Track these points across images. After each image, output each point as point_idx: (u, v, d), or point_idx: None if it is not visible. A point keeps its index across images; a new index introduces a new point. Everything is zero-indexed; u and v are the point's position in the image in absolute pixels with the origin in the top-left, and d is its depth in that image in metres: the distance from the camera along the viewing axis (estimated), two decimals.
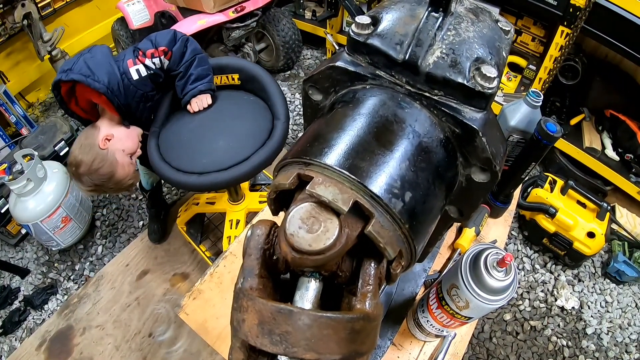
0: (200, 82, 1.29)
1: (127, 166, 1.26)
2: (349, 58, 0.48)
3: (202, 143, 1.26)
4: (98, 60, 1.17)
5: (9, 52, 2.40)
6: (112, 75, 1.17)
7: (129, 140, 1.28)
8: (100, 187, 1.25)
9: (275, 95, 1.35)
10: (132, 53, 1.22)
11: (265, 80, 1.37)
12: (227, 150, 1.24)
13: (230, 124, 1.32)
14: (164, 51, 1.22)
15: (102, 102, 1.21)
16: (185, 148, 1.27)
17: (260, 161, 1.23)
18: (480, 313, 0.64)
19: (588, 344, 1.68)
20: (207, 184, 1.20)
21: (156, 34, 1.25)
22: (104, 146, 1.21)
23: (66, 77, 1.13)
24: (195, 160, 1.23)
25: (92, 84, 1.13)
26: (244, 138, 1.27)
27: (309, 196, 0.36)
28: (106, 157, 1.21)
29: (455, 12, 0.47)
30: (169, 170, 1.23)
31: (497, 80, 0.42)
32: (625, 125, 1.91)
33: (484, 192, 0.49)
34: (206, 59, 1.33)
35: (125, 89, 1.20)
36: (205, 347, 1.61)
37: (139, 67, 1.21)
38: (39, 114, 2.70)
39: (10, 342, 1.72)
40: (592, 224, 1.70)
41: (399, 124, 0.43)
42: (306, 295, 0.38)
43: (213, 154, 1.23)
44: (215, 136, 1.28)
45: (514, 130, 0.89)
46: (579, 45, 2.05)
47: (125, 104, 1.23)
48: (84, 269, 1.94)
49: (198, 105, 1.32)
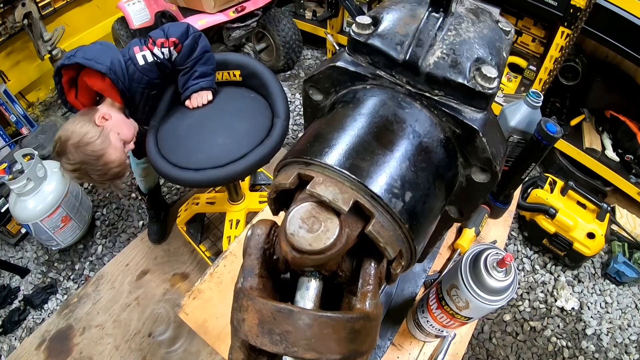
0: (203, 79, 1.29)
1: (119, 150, 1.23)
2: (349, 58, 0.48)
3: (199, 139, 1.27)
4: (102, 48, 1.18)
5: (9, 52, 2.40)
6: (116, 60, 1.16)
7: (126, 127, 1.26)
8: (85, 168, 1.19)
9: (276, 93, 1.34)
10: (140, 42, 1.22)
11: (266, 77, 1.36)
12: (225, 147, 1.24)
13: (229, 121, 1.32)
14: (174, 42, 1.21)
15: (106, 87, 1.19)
16: (183, 144, 1.27)
17: (258, 159, 1.22)
18: (480, 313, 0.64)
19: (588, 344, 1.68)
20: (202, 180, 1.20)
21: (169, 24, 1.25)
22: (100, 123, 1.19)
23: (69, 61, 1.12)
24: (192, 156, 1.23)
25: (95, 66, 1.12)
26: (242, 135, 1.27)
27: (309, 196, 0.36)
28: (100, 133, 1.18)
29: (456, 13, 0.47)
30: (165, 164, 1.23)
31: (497, 81, 0.42)
32: (626, 126, 1.91)
33: (484, 193, 0.49)
34: (213, 58, 1.32)
35: (130, 75, 1.19)
36: (205, 347, 1.61)
37: (145, 54, 1.20)
38: (39, 114, 2.69)
39: (10, 342, 1.72)
40: (592, 224, 1.70)
41: (399, 124, 0.43)
42: (307, 294, 0.38)
43: (210, 150, 1.23)
44: (214, 133, 1.28)
45: (514, 130, 0.89)
46: (579, 46, 2.05)
47: (130, 89, 1.22)
48: (83, 268, 1.94)
49: (197, 101, 1.31)
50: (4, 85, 2.28)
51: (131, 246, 1.95)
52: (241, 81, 1.43)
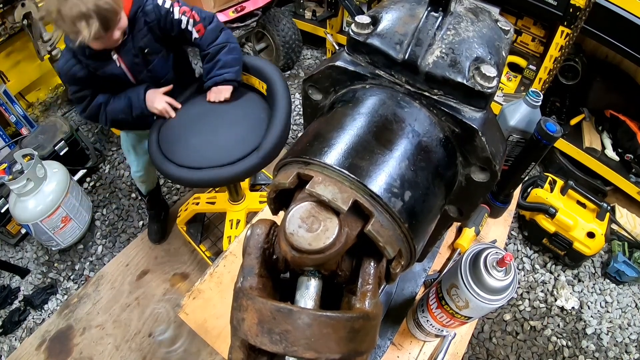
0: (227, 70, 1.30)
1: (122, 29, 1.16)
2: (348, 58, 0.48)
3: (199, 139, 1.28)
4: None
5: (9, 52, 2.40)
6: None
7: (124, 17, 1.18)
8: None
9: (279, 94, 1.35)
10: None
11: (278, 85, 1.37)
12: (222, 148, 1.26)
13: (230, 122, 1.33)
14: (194, 17, 1.25)
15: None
16: (182, 142, 1.29)
17: (252, 165, 1.23)
18: (480, 313, 0.64)
19: (588, 344, 1.68)
20: (202, 180, 1.23)
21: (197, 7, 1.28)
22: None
23: None
24: (193, 155, 1.25)
25: None
26: (240, 138, 1.28)
27: (309, 195, 0.36)
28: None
29: (455, 12, 0.47)
30: (163, 161, 1.26)
31: (496, 80, 0.42)
32: (626, 126, 1.91)
33: (483, 192, 0.49)
34: (238, 49, 1.34)
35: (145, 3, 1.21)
36: (205, 346, 1.61)
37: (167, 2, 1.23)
38: (38, 114, 2.70)
39: (10, 342, 1.72)
40: (592, 224, 1.70)
41: (399, 123, 0.43)
42: (306, 294, 0.38)
43: (211, 149, 1.25)
44: (214, 133, 1.30)
45: (514, 130, 0.89)
46: (579, 46, 2.05)
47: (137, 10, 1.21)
48: (83, 268, 1.94)
49: (217, 97, 1.33)
50: (4, 85, 2.28)
51: (131, 246, 1.95)
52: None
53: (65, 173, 1.83)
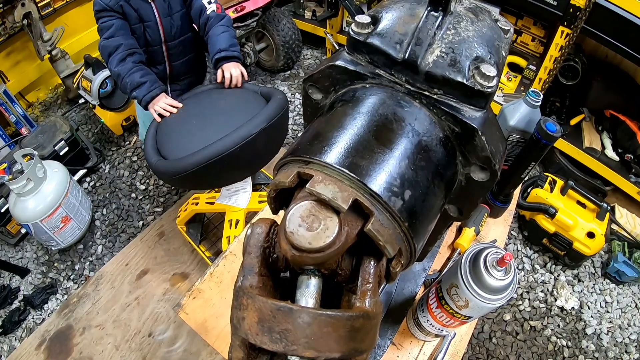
0: (232, 47, 1.44)
1: None
2: (348, 57, 0.48)
3: (189, 137, 1.32)
4: None
5: (9, 52, 2.40)
6: None
7: None
8: None
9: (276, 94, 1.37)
10: None
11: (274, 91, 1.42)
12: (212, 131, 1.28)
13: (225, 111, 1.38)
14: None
15: None
16: (172, 138, 1.33)
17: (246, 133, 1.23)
18: (479, 312, 0.64)
19: (588, 344, 1.68)
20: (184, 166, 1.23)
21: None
22: None
23: None
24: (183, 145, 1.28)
25: None
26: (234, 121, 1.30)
27: (309, 194, 0.36)
28: None
29: (455, 12, 0.47)
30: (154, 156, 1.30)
31: (496, 79, 0.42)
32: (625, 126, 1.91)
33: (483, 191, 0.49)
34: (234, 33, 1.52)
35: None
36: (205, 346, 1.61)
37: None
38: (38, 114, 2.70)
39: (10, 342, 1.72)
40: (591, 224, 1.70)
41: (399, 122, 0.43)
42: (306, 293, 0.38)
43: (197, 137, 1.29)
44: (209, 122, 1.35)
45: (514, 129, 0.90)
46: (579, 46, 2.05)
47: None
48: (83, 268, 1.94)
49: (230, 72, 1.42)
50: (4, 85, 2.28)
51: (131, 246, 1.95)
52: None
53: (65, 173, 1.83)
